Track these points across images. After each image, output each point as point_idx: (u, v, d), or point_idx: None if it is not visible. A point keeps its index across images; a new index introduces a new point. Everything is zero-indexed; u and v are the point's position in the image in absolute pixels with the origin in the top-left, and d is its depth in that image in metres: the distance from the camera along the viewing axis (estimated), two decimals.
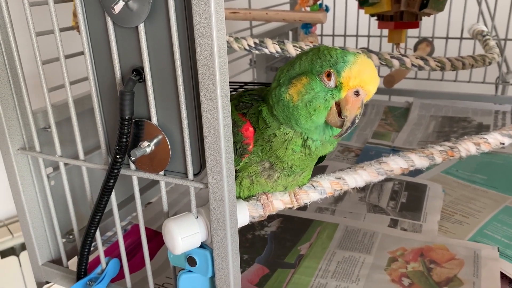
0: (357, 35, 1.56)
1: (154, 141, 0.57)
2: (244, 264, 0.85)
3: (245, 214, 0.63)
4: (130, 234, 0.97)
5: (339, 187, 0.68)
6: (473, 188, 1.08)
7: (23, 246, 1.29)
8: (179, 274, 0.61)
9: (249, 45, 0.89)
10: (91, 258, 0.74)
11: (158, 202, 1.07)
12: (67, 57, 0.67)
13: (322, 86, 0.54)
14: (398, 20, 1.16)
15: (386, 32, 1.39)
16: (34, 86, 0.75)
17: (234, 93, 0.66)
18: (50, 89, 0.67)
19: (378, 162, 0.69)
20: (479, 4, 1.42)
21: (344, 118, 0.54)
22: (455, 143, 0.69)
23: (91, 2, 0.55)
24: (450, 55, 0.99)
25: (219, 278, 0.57)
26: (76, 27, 0.78)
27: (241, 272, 0.81)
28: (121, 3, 0.50)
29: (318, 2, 1.15)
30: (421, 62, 0.89)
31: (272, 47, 0.88)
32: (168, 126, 0.56)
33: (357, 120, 0.54)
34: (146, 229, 0.84)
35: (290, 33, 1.61)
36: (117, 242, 0.87)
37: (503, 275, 0.79)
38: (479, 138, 0.70)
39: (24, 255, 1.30)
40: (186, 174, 0.57)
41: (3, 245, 1.28)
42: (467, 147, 0.69)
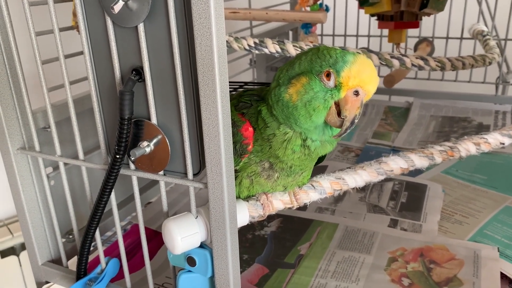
0: (357, 35, 1.56)
1: (154, 141, 0.57)
2: (244, 264, 0.84)
3: (244, 214, 0.63)
4: (130, 234, 0.97)
5: (339, 187, 0.68)
6: (473, 188, 1.08)
7: (23, 246, 1.29)
8: (179, 274, 0.61)
9: (249, 45, 0.89)
10: (91, 258, 0.74)
11: (157, 202, 1.07)
12: (67, 57, 0.67)
13: (322, 86, 0.54)
14: (398, 20, 1.16)
15: (386, 32, 1.39)
16: (34, 86, 0.75)
17: (234, 93, 0.66)
18: (50, 89, 0.67)
19: (378, 162, 0.69)
20: (479, 4, 1.41)
21: (343, 118, 0.54)
22: (455, 143, 0.69)
23: (91, 2, 0.55)
24: (450, 55, 0.99)
25: (219, 278, 0.57)
26: (75, 27, 0.78)
27: (241, 272, 0.81)
28: (120, 3, 0.50)
29: (318, 2, 1.15)
30: (421, 62, 0.89)
31: (272, 47, 0.88)
32: (167, 126, 0.56)
33: (356, 120, 0.54)
34: (145, 229, 0.84)
35: (290, 33, 1.60)
36: (116, 242, 0.87)
37: (503, 275, 0.79)
38: (479, 138, 0.70)
39: (24, 255, 1.30)
40: (185, 174, 0.57)
41: (3, 245, 1.28)
42: (467, 147, 0.69)
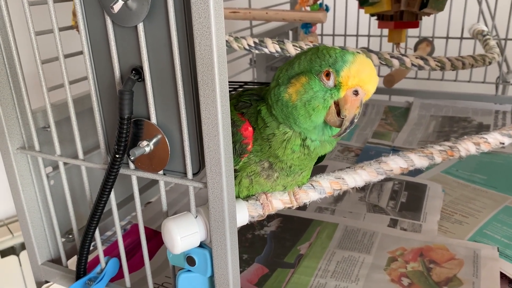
0: (357, 35, 1.56)
1: (153, 140, 0.57)
2: (243, 263, 0.85)
3: (244, 213, 0.63)
4: (130, 233, 0.97)
5: (339, 187, 0.68)
6: (473, 188, 1.08)
7: (23, 246, 1.29)
8: (178, 273, 0.61)
9: (249, 44, 0.89)
10: (91, 257, 0.74)
11: (157, 202, 1.07)
12: (67, 56, 0.67)
13: (321, 85, 0.54)
14: (398, 19, 1.15)
15: (386, 32, 1.39)
16: (34, 86, 0.75)
17: (233, 92, 0.66)
18: (50, 88, 0.67)
19: (377, 162, 0.69)
20: (480, 3, 1.41)
21: (343, 118, 0.54)
22: (455, 143, 0.69)
23: (91, 2, 0.55)
24: (451, 55, 0.99)
25: (218, 277, 0.57)
26: (75, 27, 0.78)
27: (240, 271, 0.81)
28: (120, 3, 0.50)
29: (318, 2, 1.15)
30: (421, 62, 0.89)
31: (271, 47, 0.88)
32: (167, 125, 0.56)
33: (356, 119, 0.54)
34: (145, 228, 0.84)
35: (290, 32, 1.60)
36: (116, 242, 0.87)
37: (503, 275, 0.79)
38: (479, 138, 0.70)
39: (24, 255, 1.30)
40: (185, 173, 0.57)
41: (3, 244, 1.28)
42: (467, 147, 0.69)
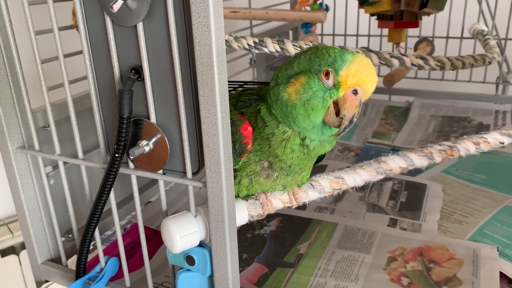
0: (357, 35, 1.56)
1: (153, 140, 0.57)
2: (243, 263, 0.85)
3: (243, 213, 0.63)
4: (130, 233, 0.97)
5: (338, 187, 0.68)
6: (472, 187, 1.08)
7: (23, 245, 1.29)
8: (178, 273, 0.61)
9: (248, 44, 0.89)
10: (90, 257, 0.74)
11: (157, 201, 1.07)
12: (66, 56, 0.67)
13: (320, 85, 0.54)
14: (398, 19, 1.15)
15: (386, 31, 1.39)
16: (34, 85, 0.75)
17: (233, 92, 0.66)
18: (49, 88, 0.67)
19: (377, 162, 0.69)
20: (480, 3, 1.41)
21: (342, 118, 0.54)
22: (455, 143, 0.69)
23: (90, 1, 0.55)
24: (451, 55, 0.99)
25: (218, 277, 0.57)
26: (75, 26, 0.78)
27: (240, 271, 0.81)
28: (119, 2, 0.50)
29: (318, 2, 1.15)
30: (420, 62, 0.89)
31: (271, 47, 0.88)
32: (166, 125, 0.56)
33: (355, 118, 0.54)
34: (145, 228, 0.84)
35: (290, 32, 1.60)
36: (116, 241, 0.87)
37: (502, 275, 0.79)
38: (479, 138, 0.70)
39: (24, 254, 1.30)
40: (184, 173, 0.57)
41: (3, 244, 1.28)
42: (467, 147, 0.69)
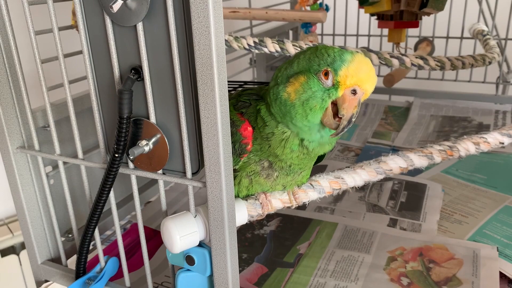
0: (357, 35, 1.56)
1: (153, 140, 0.57)
2: (243, 263, 0.85)
3: (243, 213, 0.63)
4: (130, 233, 0.97)
5: (338, 187, 0.68)
6: (472, 187, 1.08)
7: (23, 245, 1.29)
8: (178, 272, 0.61)
9: (248, 44, 0.89)
10: (90, 256, 0.74)
11: (157, 201, 1.07)
12: (66, 56, 0.67)
13: (320, 85, 0.54)
14: (398, 19, 1.15)
15: (386, 31, 1.39)
16: (33, 85, 0.75)
17: (233, 92, 0.66)
18: (49, 88, 0.67)
19: (377, 162, 0.69)
20: (480, 3, 1.41)
21: (340, 118, 0.54)
22: (454, 143, 0.69)
23: (90, 1, 0.55)
24: (451, 55, 0.99)
25: (218, 276, 0.57)
26: (75, 26, 0.78)
27: (240, 271, 0.81)
28: (119, 2, 0.50)
29: (318, 1, 1.16)
30: (420, 62, 0.89)
31: (271, 46, 0.88)
32: (166, 125, 0.56)
33: (353, 119, 0.54)
34: (145, 228, 0.84)
35: (290, 32, 1.60)
36: (116, 241, 0.87)
37: (502, 275, 0.79)
38: (479, 138, 0.70)
39: (24, 254, 1.30)
40: (184, 173, 0.57)
41: (3, 244, 1.28)
42: (467, 147, 0.69)
